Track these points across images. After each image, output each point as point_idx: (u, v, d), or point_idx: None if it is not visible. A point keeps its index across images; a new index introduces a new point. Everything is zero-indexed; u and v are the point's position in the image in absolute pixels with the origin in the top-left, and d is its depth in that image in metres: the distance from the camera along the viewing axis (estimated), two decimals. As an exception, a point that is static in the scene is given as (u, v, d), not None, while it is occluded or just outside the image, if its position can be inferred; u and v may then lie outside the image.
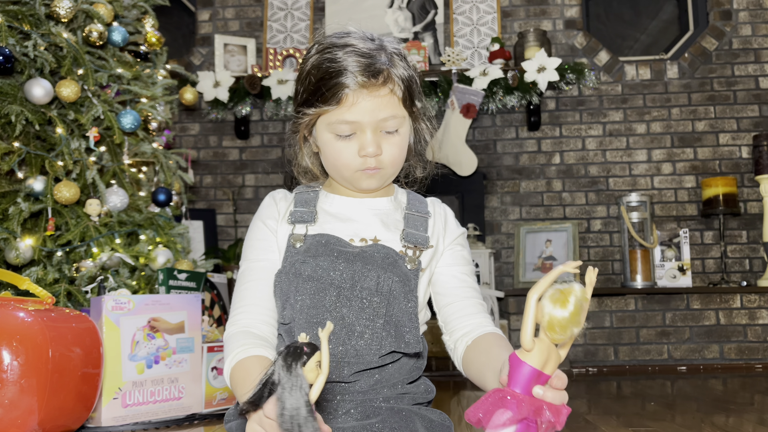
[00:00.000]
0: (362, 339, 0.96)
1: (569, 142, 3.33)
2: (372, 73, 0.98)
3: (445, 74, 3.17)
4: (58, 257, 1.78)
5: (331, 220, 1.06)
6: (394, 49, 1.04)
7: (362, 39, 1.02)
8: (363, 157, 1.00)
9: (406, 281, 0.99)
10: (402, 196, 1.12)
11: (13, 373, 1.16)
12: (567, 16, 3.42)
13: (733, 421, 1.52)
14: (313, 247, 1.01)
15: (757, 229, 3.21)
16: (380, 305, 0.97)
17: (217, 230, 3.36)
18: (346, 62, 0.98)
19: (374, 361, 0.97)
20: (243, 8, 3.52)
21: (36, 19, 1.81)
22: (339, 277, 0.98)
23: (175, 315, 1.61)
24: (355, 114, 0.99)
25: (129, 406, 1.49)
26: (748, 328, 3.07)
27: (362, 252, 1.00)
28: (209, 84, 3.20)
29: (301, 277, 0.98)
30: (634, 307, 3.12)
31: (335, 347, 0.96)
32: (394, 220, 1.07)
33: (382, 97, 0.99)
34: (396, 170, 1.06)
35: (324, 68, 0.99)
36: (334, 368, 0.96)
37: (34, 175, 1.76)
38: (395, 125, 1.02)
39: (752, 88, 3.29)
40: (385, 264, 0.99)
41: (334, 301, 0.97)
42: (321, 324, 0.96)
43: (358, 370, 0.97)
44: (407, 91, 1.03)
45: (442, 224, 1.09)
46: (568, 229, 3.19)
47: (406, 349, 0.97)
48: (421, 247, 1.04)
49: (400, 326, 0.97)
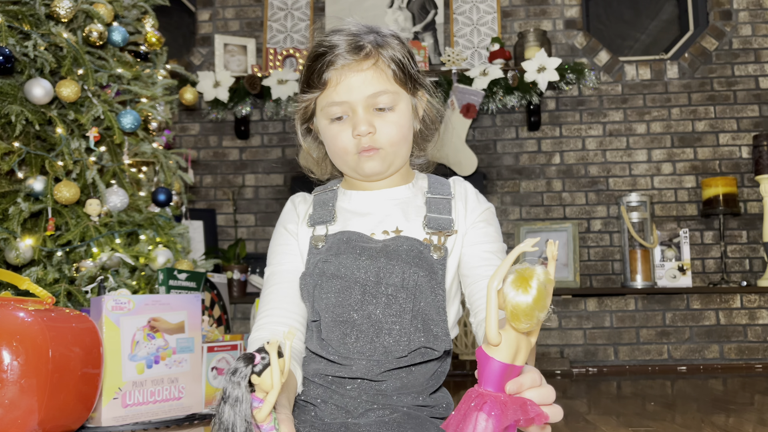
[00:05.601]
0: (390, 336, 0.94)
1: (569, 142, 3.33)
2: (354, 49, 0.97)
3: (445, 74, 3.17)
4: (58, 257, 1.78)
5: (350, 217, 1.04)
6: (388, 30, 1.02)
7: (355, 24, 1.01)
8: (357, 137, 0.98)
9: (432, 274, 0.96)
10: (422, 181, 1.09)
11: (13, 373, 1.16)
12: (567, 16, 3.41)
13: (733, 421, 1.52)
14: (335, 246, 1.00)
15: (757, 229, 3.21)
16: (407, 300, 0.94)
17: (217, 230, 3.36)
18: (332, 43, 0.98)
19: (404, 358, 0.94)
20: (243, 8, 3.52)
21: (36, 19, 1.81)
22: (363, 274, 0.95)
23: (175, 315, 1.61)
24: (342, 93, 0.97)
25: (129, 406, 1.49)
26: (748, 328, 3.07)
27: (385, 246, 0.98)
28: (209, 84, 3.20)
29: (325, 275, 0.97)
30: (634, 307, 3.12)
31: (364, 345, 0.94)
32: (415, 206, 1.04)
33: (365, 71, 0.97)
34: (397, 150, 1.02)
35: (312, 54, 1.00)
36: (364, 366, 0.94)
37: (34, 175, 1.76)
38: (388, 101, 0.99)
39: (752, 88, 3.29)
40: (409, 258, 0.96)
41: (359, 298, 0.95)
42: (348, 322, 0.95)
43: (388, 368, 0.94)
44: (399, 67, 1.00)
45: (463, 203, 1.05)
46: (568, 229, 3.19)
47: (435, 343, 0.95)
48: (446, 232, 1.00)
49: (427, 320, 0.95)
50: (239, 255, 3.15)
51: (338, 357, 0.95)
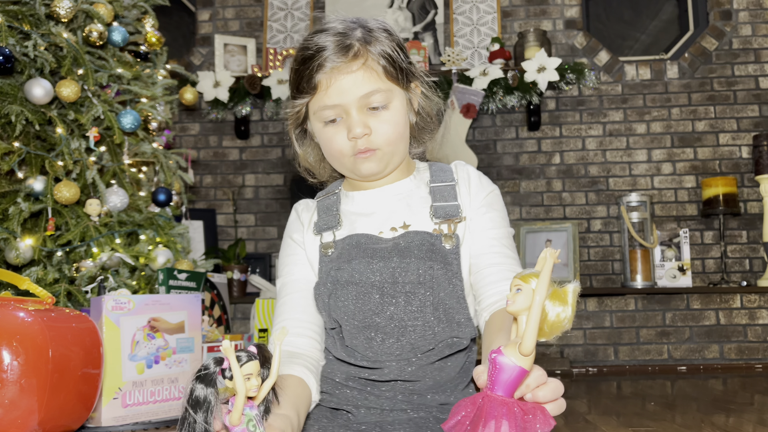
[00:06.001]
0: (415, 332, 0.93)
1: (569, 142, 3.33)
2: (342, 50, 0.94)
3: (445, 74, 3.17)
4: (58, 257, 1.78)
5: (356, 219, 1.03)
6: (375, 23, 1.00)
7: (341, 21, 0.99)
8: (353, 140, 0.96)
9: (447, 265, 0.95)
10: (424, 171, 1.07)
11: (13, 373, 1.16)
12: (567, 16, 3.41)
13: (733, 421, 1.52)
14: (346, 252, 0.98)
15: (757, 229, 3.21)
16: (426, 295, 0.94)
17: (217, 230, 3.36)
18: (318, 44, 0.95)
19: (432, 351, 0.93)
20: (243, 8, 3.52)
21: (36, 19, 1.81)
22: (379, 277, 0.94)
23: (175, 315, 1.61)
24: (333, 96, 0.95)
25: (129, 406, 1.49)
26: (748, 328, 3.07)
27: (396, 245, 0.97)
28: (209, 84, 3.20)
29: (339, 283, 0.96)
30: (634, 307, 3.12)
31: (391, 345, 0.93)
32: (419, 198, 1.02)
33: (355, 72, 0.95)
34: (395, 148, 1.00)
35: (298, 58, 0.98)
36: (396, 367, 0.93)
37: (34, 175, 1.76)
38: (381, 100, 0.96)
39: (752, 88, 3.29)
40: (422, 253, 0.95)
41: (378, 301, 0.94)
42: (371, 326, 0.94)
43: (419, 365, 0.93)
44: (390, 63, 0.97)
45: (466, 188, 1.03)
46: (568, 229, 3.19)
47: (460, 331, 0.94)
48: (455, 219, 0.98)
49: (448, 309, 0.94)
50: (239, 255, 3.15)
51: (367, 362, 0.95)
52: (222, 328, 2.16)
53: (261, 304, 1.89)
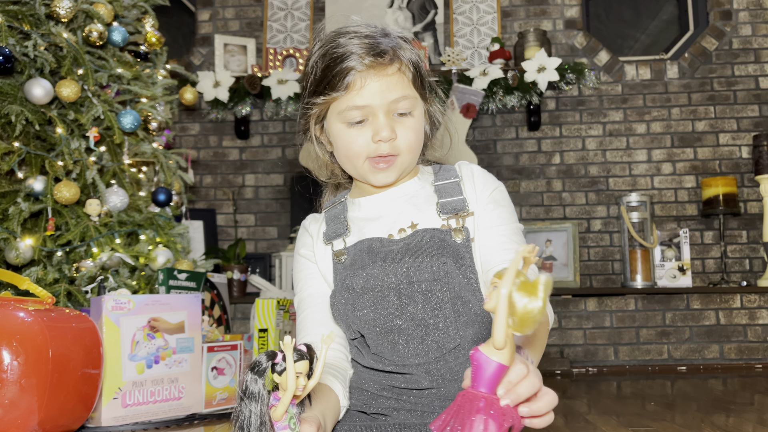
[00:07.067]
0: (437, 329, 0.93)
1: (569, 142, 3.33)
2: (378, 53, 0.95)
3: (445, 74, 3.17)
4: (58, 257, 1.78)
5: (364, 225, 1.03)
6: (398, 33, 1.01)
7: (365, 26, 1.00)
8: (377, 143, 0.97)
9: (459, 259, 0.95)
10: (428, 173, 1.08)
11: (13, 373, 1.16)
12: (567, 16, 3.41)
13: (733, 421, 1.52)
14: (359, 258, 0.99)
15: (757, 229, 3.21)
16: (443, 291, 0.94)
17: (217, 230, 3.36)
18: (350, 46, 0.96)
19: (459, 349, 0.93)
20: (243, 8, 3.52)
21: (36, 19, 1.81)
22: (394, 279, 0.95)
23: (175, 315, 1.61)
24: (365, 97, 0.95)
25: (129, 406, 1.49)
26: (748, 328, 3.07)
27: (407, 245, 0.97)
28: (209, 84, 3.20)
29: (354, 291, 0.96)
30: (634, 307, 3.12)
31: (416, 347, 0.94)
32: (425, 196, 1.03)
33: (390, 76, 0.96)
34: (414, 157, 1.01)
35: (329, 55, 0.97)
36: (425, 376, 0.93)
37: (34, 175, 1.76)
38: (408, 106, 0.98)
39: (752, 88, 3.29)
40: (433, 249, 0.95)
41: (396, 304, 0.94)
42: (393, 330, 0.94)
43: (448, 367, 0.93)
44: (416, 71, 0.99)
45: (471, 185, 1.03)
46: (568, 229, 3.19)
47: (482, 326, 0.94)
48: (462, 213, 0.99)
49: (466, 303, 0.95)
50: (239, 255, 3.15)
51: (394, 367, 0.95)
52: (222, 328, 2.16)
53: (261, 304, 1.89)
